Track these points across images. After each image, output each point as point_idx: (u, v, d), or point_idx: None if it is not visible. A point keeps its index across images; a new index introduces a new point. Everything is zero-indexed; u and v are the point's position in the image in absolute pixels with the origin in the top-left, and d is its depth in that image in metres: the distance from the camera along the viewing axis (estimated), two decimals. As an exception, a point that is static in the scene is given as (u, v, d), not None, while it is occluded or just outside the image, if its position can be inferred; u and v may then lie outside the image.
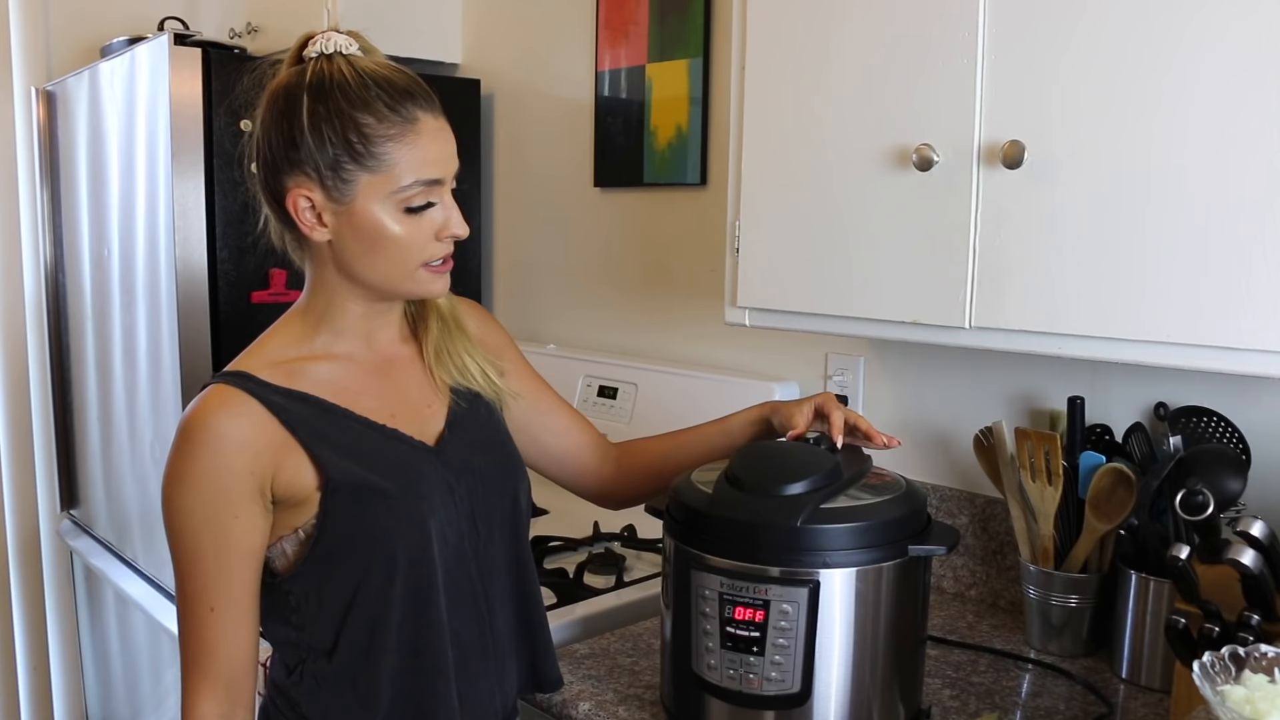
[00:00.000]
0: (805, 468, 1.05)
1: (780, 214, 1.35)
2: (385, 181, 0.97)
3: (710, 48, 1.85)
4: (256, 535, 0.98)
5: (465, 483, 1.06)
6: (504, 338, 1.24)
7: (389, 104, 0.97)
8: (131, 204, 2.02)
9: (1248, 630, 1.00)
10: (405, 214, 0.99)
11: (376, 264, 1.00)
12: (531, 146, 2.25)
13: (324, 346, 1.05)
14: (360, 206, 0.98)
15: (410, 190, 0.98)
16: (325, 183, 0.97)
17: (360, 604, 1.00)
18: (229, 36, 2.43)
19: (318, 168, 0.97)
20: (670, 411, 1.85)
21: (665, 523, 1.11)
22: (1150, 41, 1.03)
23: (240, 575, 0.97)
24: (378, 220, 0.98)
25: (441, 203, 1.02)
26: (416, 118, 0.98)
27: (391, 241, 0.99)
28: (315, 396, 1.01)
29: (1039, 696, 1.24)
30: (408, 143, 0.97)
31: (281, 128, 0.98)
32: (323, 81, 0.97)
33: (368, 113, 0.96)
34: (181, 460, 0.95)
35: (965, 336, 1.19)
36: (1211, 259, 1.00)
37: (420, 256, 1.01)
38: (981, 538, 1.53)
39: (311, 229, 0.99)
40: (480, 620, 1.07)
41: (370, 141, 0.96)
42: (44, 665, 2.82)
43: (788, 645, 1.01)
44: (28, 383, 2.73)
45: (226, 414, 0.96)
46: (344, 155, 0.96)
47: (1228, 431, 1.28)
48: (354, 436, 1.01)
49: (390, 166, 0.97)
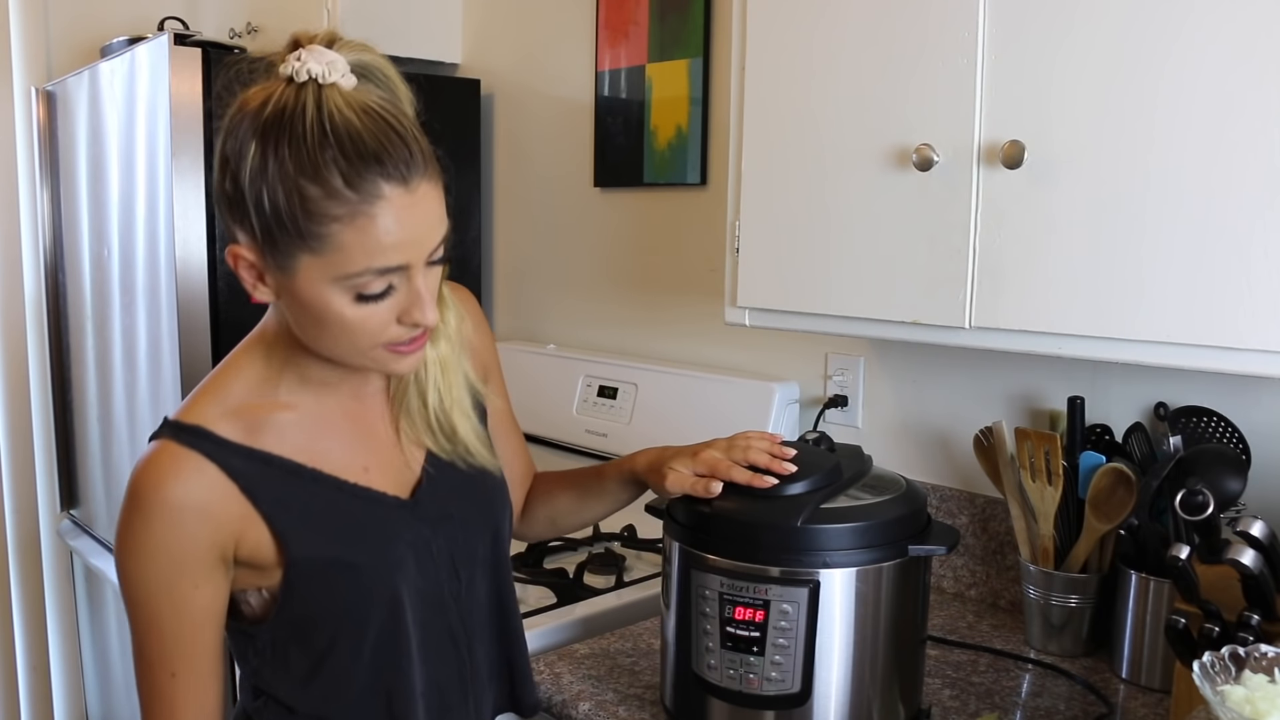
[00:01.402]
0: (806, 468, 1.05)
1: (780, 214, 1.35)
2: (330, 265, 0.81)
3: (710, 48, 1.85)
4: (219, 600, 0.90)
5: (444, 532, 0.99)
6: (492, 350, 1.17)
7: (345, 173, 0.79)
8: (131, 204, 2.02)
9: (1248, 630, 1.00)
10: (351, 297, 0.83)
11: (324, 340, 0.87)
12: (531, 146, 2.25)
13: (289, 394, 0.93)
14: (300, 284, 0.83)
15: (361, 278, 0.82)
16: (263, 249, 0.83)
17: (324, 673, 0.95)
18: (229, 36, 2.44)
19: (253, 230, 0.82)
20: (670, 411, 1.85)
21: (665, 523, 1.10)
22: (1150, 41, 1.03)
23: (203, 639, 0.90)
24: (323, 301, 0.83)
25: (406, 286, 0.85)
26: (377, 194, 0.80)
27: (339, 325, 0.85)
28: (279, 457, 0.91)
29: (1039, 696, 1.24)
30: (358, 227, 0.80)
31: (227, 167, 0.83)
32: (279, 123, 0.80)
33: (315, 182, 0.79)
34: (135, 530, 0.86)
35: (965, 336, 1.20)
36: (1211, 258, 1.00)
37: (377, 340, 0.86)
38: (981, 538, 1.53)
39: (253, 288, 0.86)
40: (459, 660, 1.02)
41: (313, 219, 0.79)
42: (44, 665, 2.82)
43: (788, 645, 1.01)
44: (28, 382, 2.73)
45: (182, 482, 0.86)
46: (280, 228, 0.81)
47: (1228, 431, 1.28)
48: (322, 503, 0.92)
49: (336, 250, 0.80)
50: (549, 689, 1.23)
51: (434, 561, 0.98)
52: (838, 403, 1.69)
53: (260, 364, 0.93)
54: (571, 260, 2.17)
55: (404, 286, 0.85)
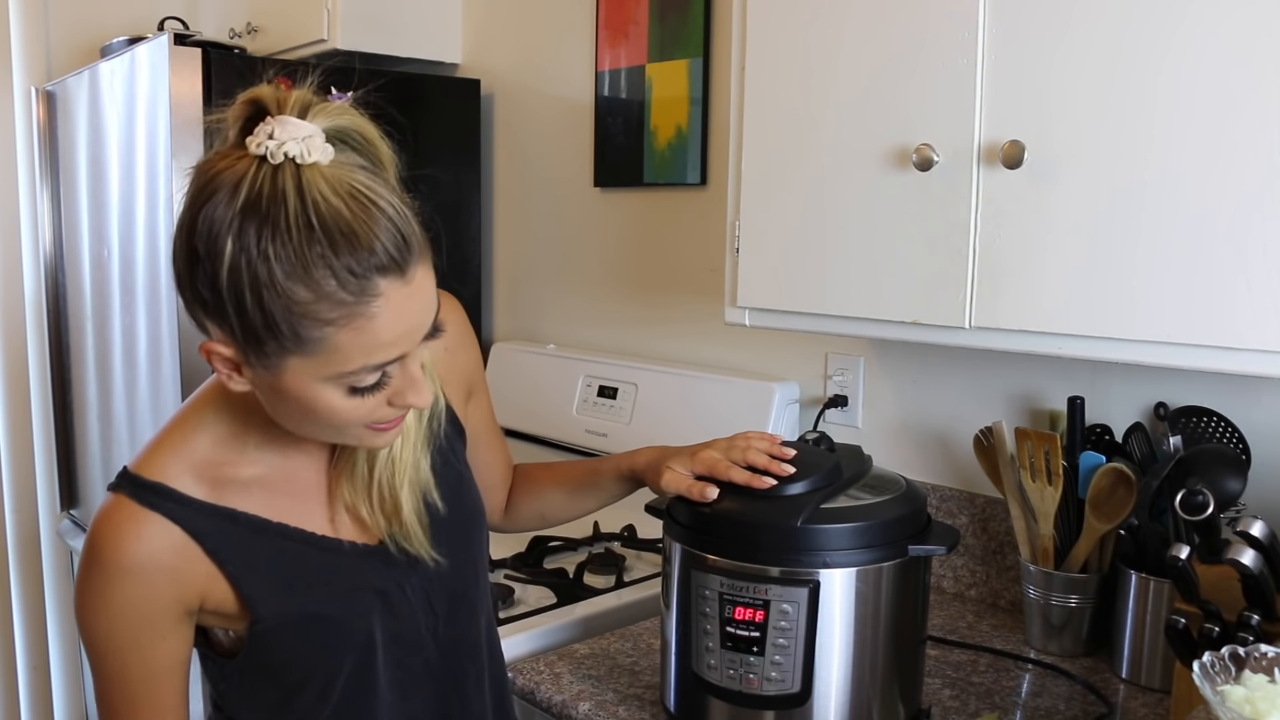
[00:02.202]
0: (805, 468, 1.05)
1: (780, 214, 1.35)
2: (323, 366, 0.76)
3: (710, 48, 1.85)
4: (184, 649, 0.89)
5: (416, 572, 0.96)
6: (477, 363, 1.11)
7: (338, 274, 0.72)
8: (131, 204, 2.02)
9: (1248, 630, 1.00)
10: (350, 393, 0.78)
11: (305, 427, 0.84)
12: (531, 146, 2.25)
13: (250, 448, 0.89)
14: (289, 381, 0.77)
15: (356, 375, 0.77)
16: (246, 350, 0.76)
17: (295, 708, 0.93)
18: (229, 37, 2.44)
19: (234, 332, 0.75)
20: (670, 411, 1.85)
21: (665, 523, 1.10)
22: (1149, 41, 1.03)
23: (168, 687, 0.88)
24: (312, 396, 0.78)
25: (401, 373, 0.80)
26: (375, 293, 0.73)
27: (328, 414, 0.80)
28: (245, 514, 0.87)
29: (1039, 696, 1.24)
30: (355, 328, 0.74)
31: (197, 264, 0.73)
32: (257, 213, 0.71)
33: (305, 285, 0.71)
34: (96, 590, 0.83)
35: (965, 336, 1.20)
36: (1211, 258, 1.00)
37: (364, 421, 0.82)
38: (981, 538, 1.53)
39: (228, 379, 0.80)
40: (442, 699, 1.00)
41: (303, 324, 0.73)
42: (44, 665, 2.82)
43: (787, 645, 1.01)
44: (28, 382, 2.73)
45: (144, 544, 0.83)
46: (265, 333, 0.73)
47: (1227, 431, 1.28)
48: (289, 558, 0.89)
49: (330, 352, 0.75)
50: (549, 689, 1.23)
51: (408, 602, 0.95)
52: (838, 403, 1.69)
53: (226, 419, 0.88)
54: (571, 260, 2.17)
55: (398, 373, 0.80)
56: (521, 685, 1.26)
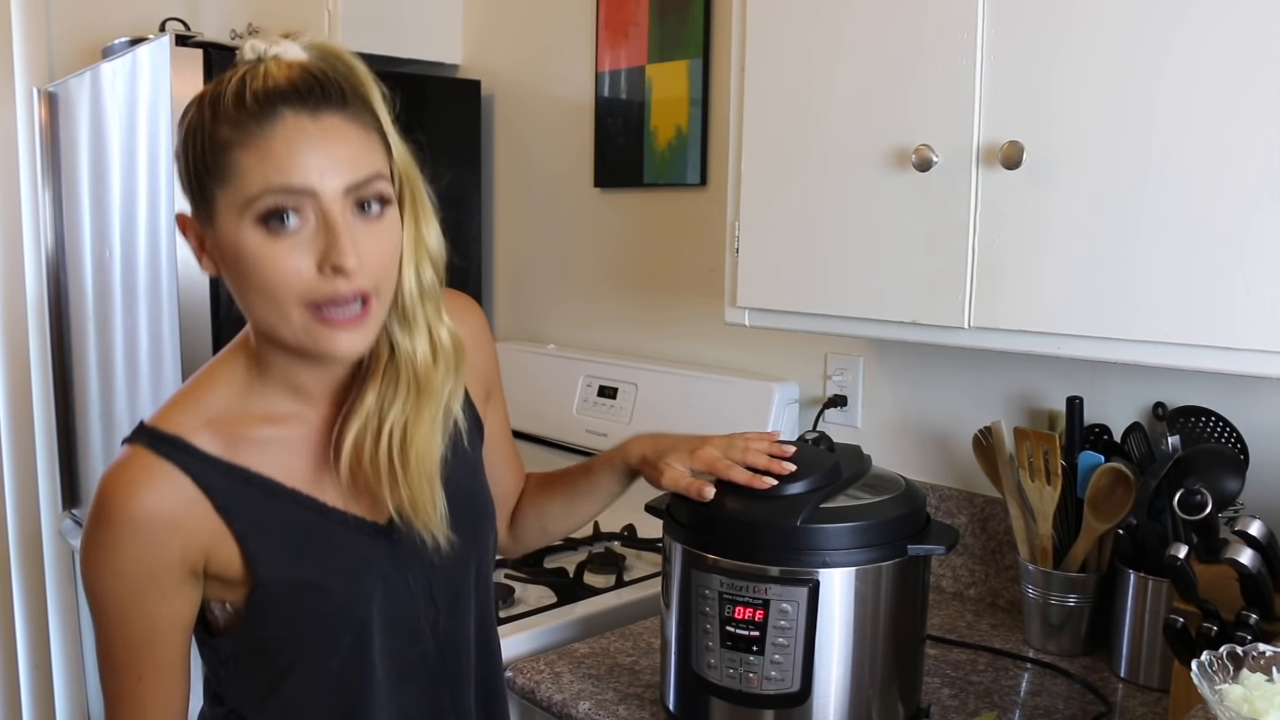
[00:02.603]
0: (805, 467, 1.05)
1: (780, 214, 1.35)
2: (235, 194, 0.80)
3: (710, 48, 1.85)
4: (188, 609, 0.89)
5: (421, 559, 0.95)
6: (494, 365, 1.12)
7: (249, 106, 0.80)
8: (133, 204, 2.02)
9: (1246, 629, 1.00)
10: (261, 229, 0.80)
11: (251, 300, 0.84)
12: (531, 147, 2.25)
13: (268, 404, 0.90)
14: (220, 228, 0.82)
15: (261, 200, 0.79)
16: (195, 204, 0.84)
17: (282, 693, 0.93)
18: (230, 37, 2.44)
19: (187, 187, 0.84)
20: (670, 411, 1.85)
21: (665, 523, 1.11)
22: (1148, 42, 1.03)
23: (170, 644, 0.89)
24: (235, 240, 0.81)
25: (317, 223, 0.80)
26: (276, 118, 0.79)
27: (252, 265, 0.81)
28: (259, 475, 0.89)
29: (1038, 695, 1.24)
30: (255, 148, 0.79)
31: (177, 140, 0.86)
32: (209, 91, 0.83)
33: (225, 121, 0.80)
34: (104, 541, 0.84)
35: (964, 336, 1.20)
36: (1209, 258, 1.01)
37: (292, 290, 0.81)
38: (980, 537, 1.53)
39: (199, 257, 0.87)
40: (436, 694, 0.99)
41: (216, 149, 0.80)
42: (46, 664, 2.83)
43: (787, 645, 1.01)
44: (29, 382, 2.73)
45: (154, 493, 0.84)
46: (201, 170, 0.82)
47: (1226, 431, 1.29)
48: (298, 525, 0.90)
49: (238, 175, 0.80)
50: (549, 689, 1.23)
51: (409, 589, 0.95)
52: (837, 403, 1.70)
53: (242, 372, 0.91)
54: (571, 260, 2.18)
55: (318, 222, 0.80)
56: (521, 685, 1.26)
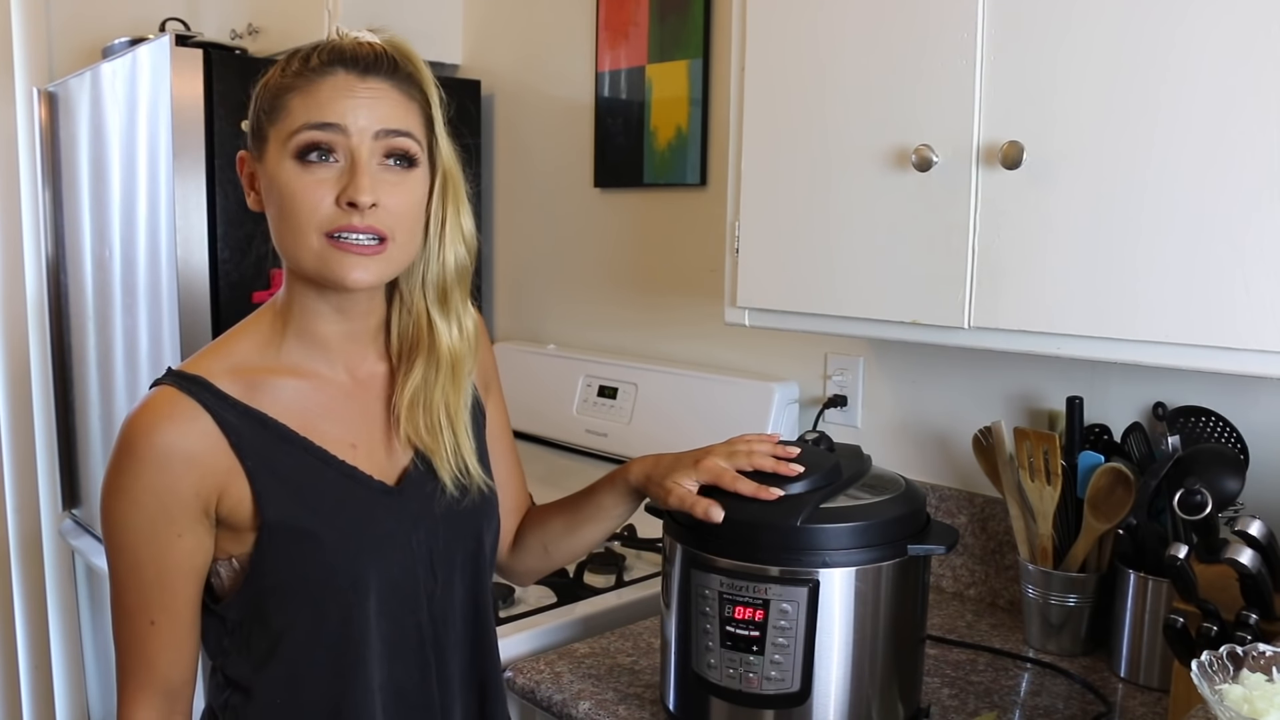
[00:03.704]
0: (805, 468, 1.05)
1: (780, 214, 1.35)
2: (282, 129, 0.90)
3: (710, 48, 1.85)
4: (200, 554, 0.92)
5: (425, 525, 0.98)
6: (493, 366, 1.16)
7: (311, 63, 0.92)
8: (133, 205, 2.02)
9: (1246, 629, 1.00)
10: (296, 162, 0.89)
11: (280, 230, 0.92)
12: (531, 147, 2.25)
13: (291, 359, 0.96)
14: (267, 162, 0.92)
15: (299, 134, 0.89)
16: (253, 145, 0.94)
17: (281, 655, 0.94)
18: (230, 38, 2.44)
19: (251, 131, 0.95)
20: (670, 411, 1.85)
21: (665, 523, 1.11)
22: (1149, 42, 1.03)
23: (183, 591, 0.92)
24: (275, 171, 0.91)
25: (343, 161, 0.90)
26: (329, 72, 0.91)
27: (284, 194, 0.90)
28: (274, 420, 0.93)
29: (1038, 695, 1.24)
30: (305, 92, 0.90)
31: None
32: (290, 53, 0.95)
33: (290, 73, 0.92)
34: (124, 471, 0.89)
35: (964, 336, 1.20)
36: (1209, 259, 1.01)
37: (314, 218, 0.89)
38: (980, 537, 1.53)
39: (248, 196, 0.96)
40: (425, 667, 1.00)
41: (276, 94, 0.92)
42: (45, 664, 2.83)
43: (787, 645, 1.01)
44: (29, 382, 2.73)
45: (175, 426, 0.89)
46: (261, 115, 0.93)
47: (1226, 431, 1.29)
48: (308, 473, 0.94)
49: (287, 114, 0.90)
50: (549, 689, 1.23)
51: (411, 554, 0.97)
52: (837, 403, 1.70)
53: (266, 328, 0.98)
54: (571, 260, 2.18)
55: (346, 163, 0.90)
56: (521, 685, 1.26)
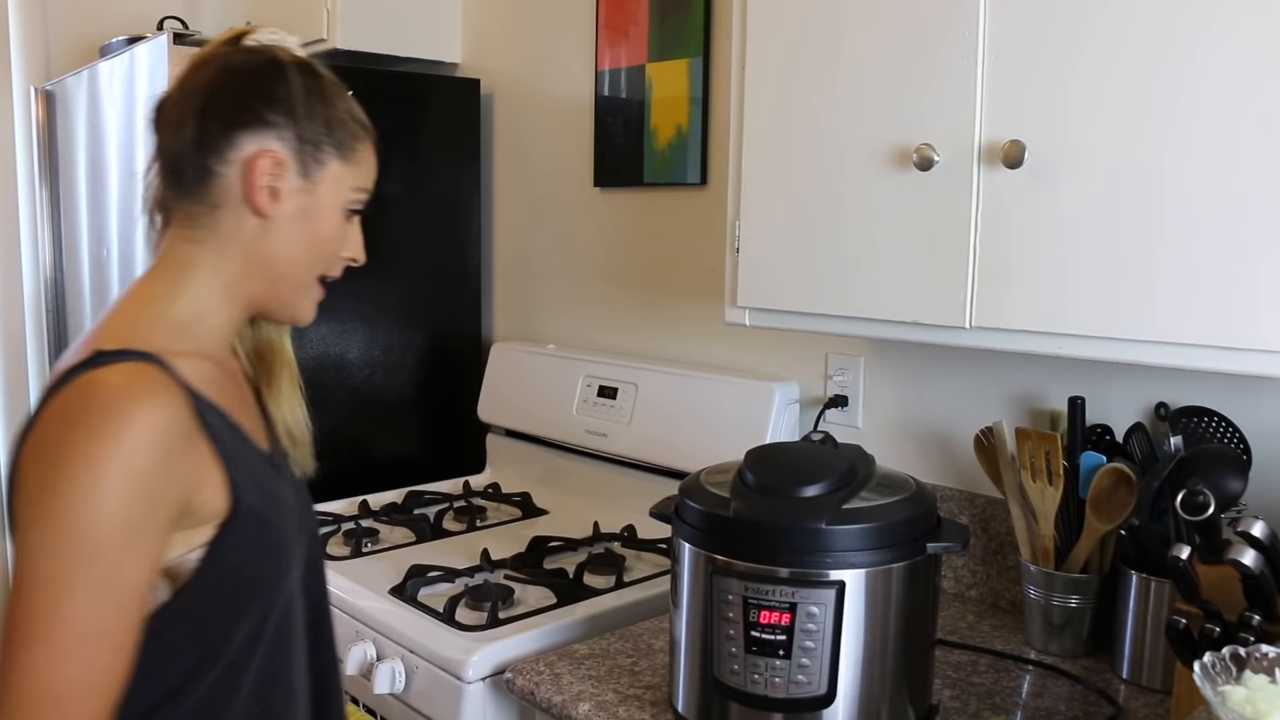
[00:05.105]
0: (821, 469, 1.05)
1: (780, 214, 1.35)
2: (349, 175, 0.94)
3: (710, 47, 1.85)
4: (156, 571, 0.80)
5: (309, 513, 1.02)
6: None
7: (354, 111, 0.96)
8: (131, 203, 2.01)
9: (1248, 631, 1.00)
10: (344, 216, 0.95)
11: (299, 256, 0.93)
12: (531, 146, 2.25)
13: (200, 345, 0.90)
14: (323, 192, 0.93)
15: (360, 194, 0.96)
16: (301, 156, 0.91)
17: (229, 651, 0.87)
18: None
19: (298, 138, 0.91)
20: (670, 411, 1.85)
21: (676, 527, 1.10)
22: (1153, 40, 1.03)
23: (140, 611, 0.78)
24: (329, 211, 0.94)
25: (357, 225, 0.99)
26: (371, 129, 0.98)
27: (325, 238, 0.94)
28: (219, 406, 0.87)
29: (1040, 697, 1.24)
30: (369, 148, 0.97)
31: (262, 85, 0.90)
32: (306, 64, 0.94)
33: (345, 106, 0.95)
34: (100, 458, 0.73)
35: (965, 336, 1.19)
36: (1212, 258, 1.00)
37: (327, 265, 0.96)
38: (982, 538, 1.53)
39: (261, 194, 0.89)
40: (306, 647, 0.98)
41: (351, 134, 0.94)
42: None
43: (814, 647, 1.01)
44: (27, 383, 2.72)
45: (168, 405, 0.78)
46: (327, 136, 0.92)
47: (1228, 431, 1.28)
48: (255, 462, 0.90)
49: (359, 164, 0.95)
50: (549, 690, 1.23)
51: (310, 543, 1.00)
52: (838, 403, 1.69)
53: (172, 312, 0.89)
54: (571, 260, 2.17)
55: (356, 225, 0.98)
56: (521, 685, 1.26)
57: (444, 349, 2.28)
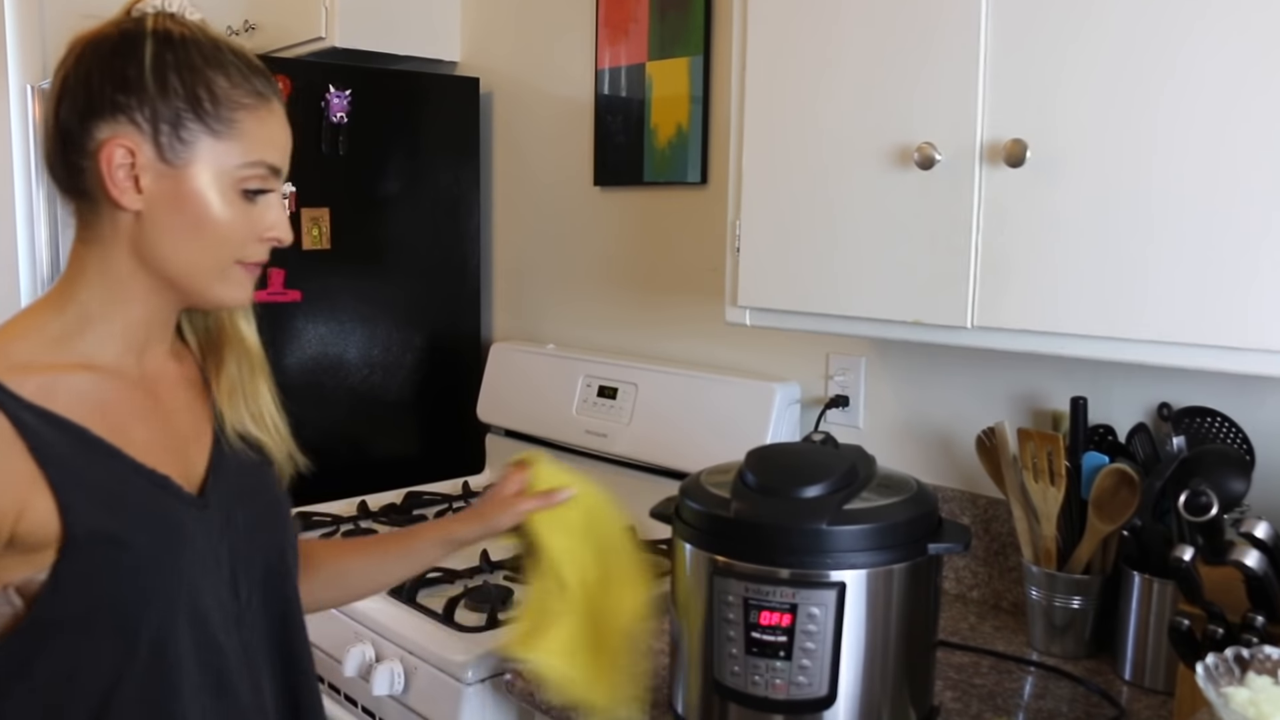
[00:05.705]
0: (822, 469, 1.04)
1: (781, 213, 1.34)
2: (229, 152, 0.85)
3: (711, 46, 1.84)
4: None
5: (227, 540, 0.90)
6: None
7: (243, 71, 0.86)
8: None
9: (1252, 632, 0.99)
10: (239, 196, 0.86)
11: (189, 248, 0.85)
12: (531, 145, 2.24)
13: (85, 354, 0.85)
14: (193, 174, 0.84)
15: (252, 170, 0.86)
16: (159, 138, 0.83)
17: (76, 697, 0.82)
18: (226, 34, 2.43)
19: (154, 118, 0.83)
20: (670, 411, 1.84)
21: (677, 527, 1.10)
22: (1154, 39, 1.02)
23: None
24: (205, 195, 0.84)
25: (275, 198, 0.89)
26: (270, 96, 0.88)
27: (214, 225, 0.85)
28: (74, 423, 0.82)
29: (1042, 699, 1.23)
30: (259, 118, 0.86)
31: (111, 66, 0.83)
32: (170, 32, 0.84)
33: (221, 73, 0.85)
34: None
35: (967, 336, 1.19)
36: (1215, 258, 1.00)
37: (236, 251, 0.87)
38: (984, 539, 1.52)
39: (122, 192, 0.83)
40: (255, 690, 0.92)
41: (221, 104, 0.84)
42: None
43: (815, 649, 1.00)
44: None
45: None
46: (189, 111, 0.83)
47: (1231, 432, 1.28)
48: (115, 481, 0.83)
49: (239, 136, 0.85)
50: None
51: (219, 573, 0.89)
52: (839, 403, 1.69)
53: (53, 325, 0.86)
54: (571, 260, 2.17)
55: (273, 197, 0.89)
56: (521, 687, 1.25)
57: (443, 349, 2.28)
